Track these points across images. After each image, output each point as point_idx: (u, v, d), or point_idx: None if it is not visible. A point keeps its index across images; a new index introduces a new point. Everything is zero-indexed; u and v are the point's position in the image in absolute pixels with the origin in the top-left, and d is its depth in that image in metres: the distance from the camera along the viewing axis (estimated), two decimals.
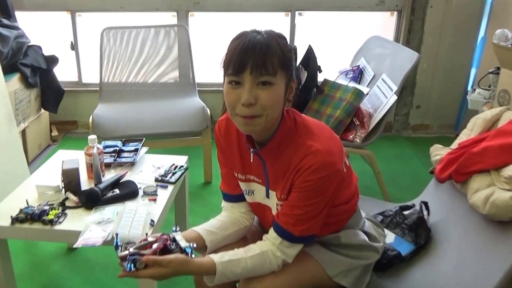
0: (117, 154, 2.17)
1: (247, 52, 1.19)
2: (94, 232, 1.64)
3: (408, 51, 2.83)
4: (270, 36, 1.22)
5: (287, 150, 1.30)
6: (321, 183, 1.26)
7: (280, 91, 1.24)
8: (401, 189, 3.11)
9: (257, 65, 1.18)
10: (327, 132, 1.35)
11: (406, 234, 1.87)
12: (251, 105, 1.20)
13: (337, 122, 2.75)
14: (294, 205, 1.31)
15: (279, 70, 1.21)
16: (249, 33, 1.23)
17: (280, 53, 1.21)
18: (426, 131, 4.10)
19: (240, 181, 1.47)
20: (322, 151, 1.25)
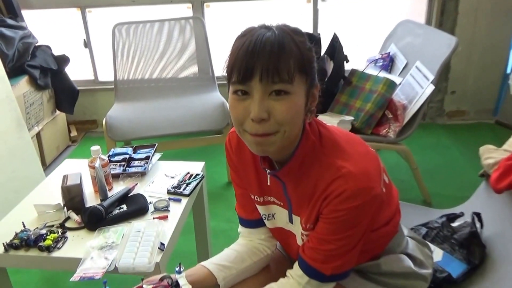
0: (126, 163, 1.93)
1: (255, 54, 0.90)
2: (96, 260, 1.40)
3: (445, 36, 2.50)
4: (283, 32, 0.94)
5: (312, 172, 1.03)
6: (355, 213, 0.99)
7: (299, 101, 0.95)
8: (439, 183, 2.80)
9: (268, 70, 0.90)
10: (360, 147, 1.07)
11: (456, 251, 1.58)
12: (263, 120, 0.93)
13: (367, 116, 2.45)
14: (323, 238, 1.04)
15: (297, 75, 0.93)
16: (256, 29, 0.95)
17: (298, 53, 0.93)
18: (462, 117, 3.76)
19: (258, 204, 1.20)
20: (356, 173, 0.97)
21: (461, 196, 2.62)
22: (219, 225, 2.48)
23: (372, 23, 3.64)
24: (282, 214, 1.16)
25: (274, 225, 1.21)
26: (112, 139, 2.65)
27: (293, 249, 1.20)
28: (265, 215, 1.21)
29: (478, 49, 3.51)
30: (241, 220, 1.29)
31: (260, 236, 1.26)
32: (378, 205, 1.03)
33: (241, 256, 1.22)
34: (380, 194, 1.01)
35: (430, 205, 2.57)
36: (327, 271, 1.04)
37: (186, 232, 2.17)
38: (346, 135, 1.08)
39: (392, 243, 1.23)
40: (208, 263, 1.19)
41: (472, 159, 3.04)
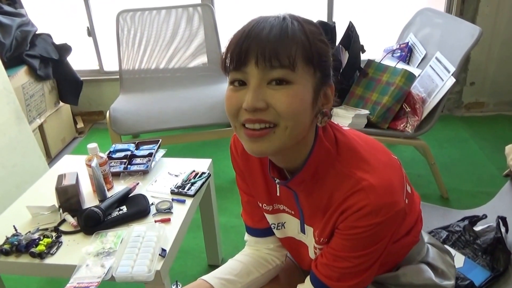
0: (128, 161, 1.82)
1: (251, 35, 0.78)
2: (91, 268, 1.29)
3: (468, 25, 2.34)
4: (292, 19, 0.81)
5: (327, 182, 0.90)
6: (375, 231, 0.86)
7: (304, 93, 0.81)
8: (458, 178, 2.66)
9: (265, 53, 0.77)
10: (382, 155, 0.93)
11: (479, 257, 1.45)
12: (259, 110, 0.79)
13: (384, 110, 2.31)
14: (338, 255, 0.92)
15: (301, 64, 0.79)
16: (263, 16, 0.82)
17: (305, 41, 0.80)
18: (481, 109, 3.60)
19: (267, 213, 1.08)
20: (378, 187, 0.85)
21: (480, 191, 2.51)
22: (229, 221, 2.37)
23: (389, 11, 3.48)
24: (293, 223, 1.04)
25: (285, 235, 1.09)
26: (117, 133, 2.54)
27: (305, 260, 1.09)
28: (275, 224, 1.09)
29: (499, 39, 3.33)
30: (247, 228, 1.17)
31: (269, 246, 1.14)
32: (401, 219, 0.91)
33: (247, 268, 1.11)
34: (404, 208, 0.89)
35: (448, 200, 2.45)
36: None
37: (194, 229, 2.07)
38: (366, 141, 0.95)
39: (412, 252, 1.12)
40: (210, 277, 1.08)
41: (491, 153, 2.91)
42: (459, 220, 1.59)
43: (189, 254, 2.14)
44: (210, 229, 2.00)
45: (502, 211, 1.59)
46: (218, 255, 2.07)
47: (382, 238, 0.88)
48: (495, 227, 1.49)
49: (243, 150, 1.01)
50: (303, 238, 1.04)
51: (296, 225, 1.03)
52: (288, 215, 1.04)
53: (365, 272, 0.92)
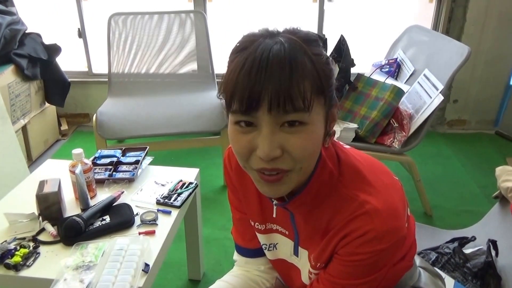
0: (113, 168, 1.72)
1: (261, 78, 0.67)
2: (69, 283, 1.19)
3: (456, 44, 2.30)
4: (294, 44, 0.70)
5: (327, 204, 0.83)
6: (378, 258, 0.79)
7: (318, 131, 0.74)
8: (441, 195, 2.61)
9: (279, 99, 0.68)
10: (385, 176, 0.86)
11: (469, 281, 1.39)
12: (275, 158, 0.72)
13: (373, 124, 2.25)
14: (336, 282, 0.84)
15: (315, 100, 0.71)
16: (258, 38, 0.71)
17: (314, 71, 0.70)
18: (463, 127, 3.58)
19: (259, 233, 1.00)
20: (382, 211, 0.77)
21: (463, 210, 2.47)
22: (212, 233, 2.27)
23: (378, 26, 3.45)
24: (286, 245, 0.96)
25: (276, 257, 1.01)
26: (102, 137, 2.43)
27: (296, 284, 1.00)
28: (266, 245, 1.00)
29: (483, 59, 3.32)
30: (237, 247, 1.08)
31: (259, 267, 1.06)
32: (402, 245, 0.84)
33: None
34: (406, 233, 0.82)
35: (431, 218, 2.39)
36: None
37: (177, 240, 1.97)
38: (368, 161, 0.88)
39: (404, 277, 1.04)
40: None
41: (473, 171, 2.87)
42: (448, 241, 1.53)
43: (170, 267, 2.03)
44: (193, 242, 1.90)
45: (492, 233, 1.54)
46: (199, 269, 1.96)
47: (383, 266, 0.81)
48: (486, 250, 1.43)
49: (237, 165, 0.93)
50: (295, 261, 0.96)
51: (289, 247, 0.95)
52: (281, 236, 0.96)
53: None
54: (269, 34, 0.72)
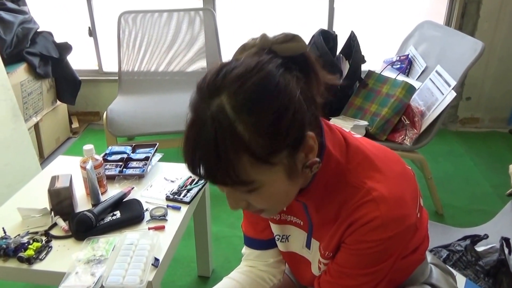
0: (124, 164, 1.74)
1: (194, 158, 0.70)
2: (81, 276, 1.21)
3: (470, 40, 2.29)
4: (224, 119, 0.67)
5: (337, 192, 0.83)
6: (384, 246, 0.79)
7: (276, 185, 0.74)
8: (452, 194, 2.60)
9: (213, 178, 0.71)
10: (395, 165, 0.86)
11: (481, 279, 1.39)
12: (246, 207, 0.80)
13: (383, 122, 2.25)
14: (343, 271, 0.85)
15: (255, 171, 0.70)
16: (202, 103, 0.70)
17: (252, 142, 0.67)
18: (476, 124, 3.55)
19: (272, 222, 1.00)
20: (389, 198, 0.78)
21: (474, 209, 2.46)
22: (221, 230, 2.29)
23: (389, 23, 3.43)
24: (298, 237, 0.97)
25: (287, 249, 1.02)
26: (113, 134, 2.46)
27: (305, 277, 1.01)
28: (279, 236, 1.01)
29: (497, 55, 3.29)
30: (247, 240, 1.08)
31: (268, 260, 1.07)
32: (412, 234, 0.85)
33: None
34: (415, 222, 0.83)
35: (443, 217, 2.38)
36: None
37: (186, 237, 1.99)
38: (379, 149, 0.88)
39: (416, 272, 1.05)
40: None
41: (486, 170, 2.85)
42: (460, 239, 1.53)
43: (179, 263, 2.06)
44: (202, 238, 1.92)
45: (504, 231, 1.54)
46: (208, 266, 1.98)
47: (390, 255, 0.82)
48: (499, 248, 1.43)
49: None
50: (307, 253, 0.97)
51: (302, 239, 0.96)
52: (294, 228, 0.97)
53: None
54: (212, 93, 0.69)
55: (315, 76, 0.78)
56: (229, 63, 0.72)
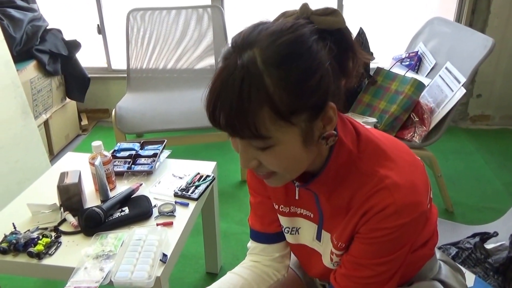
0: (132, 161, 1.75)
1: (216, 106, 0.71)
2: (89, 271, 1.23)
3: (480, 36, 2.27)
4: (253, 71, 0.69)
5: (348, 181, 0.84)
6: (399, 233, 0.80)
7: (290, 148, 0.75)
8: (463, 192, 2.59)
9: (231, 127, 0.72)
10: (406, 155, 0.87)
11: (490, 276, 1.38)
12: (254, 167, 0.79)
13: (392, 119, 2.24)
14: (359, 262, 0.85)
15: (273, 127, 0.71)
16: (232, 54, 0.72)
17: (275, 97, 0.69)
18: (486, 122, 3.53)
19: (281, 215, 1.01)
20: (402, 185, 0.79)
21: (485, 206, 2.44)
22: (230, 227, 2.30)
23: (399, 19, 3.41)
24: (309, 229, 0.97)
25: (297, 241, 1.02)
26: (122, 131, 2.48)
27: (315, 268, 1.01)
28: (289, 228, 1.01)
29: (508, 52, 3.26)
30: (254, 233, 1.09)
31: (273, 255, 1.07)
32: (424, 223, 0.85)
33: (248, 284, 1.03)
34: (426, 210, 0.83)
35: (453, 214, 2.37)
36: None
37: (194, 233, 2.00)
38: (390, 139, 0.89)
39: (424, 268, 1.05)
40: None
41: (497, 168, 2.83)
42: (469, 237, 1.53)
43: (188, 260, 2.07)
44: (210, 235, 1.93)
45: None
46: (217, 262, 1.99)
47: (405, 243, 0.82)
48: (508, 245, 1.42)
49: None
50: (317, 246, 0.98)
51: (312, 231, 0.96)
52: (304, 220, 0.97)
53: (387, 282, 0.86)
54: (243, 46, 0.71)
55: (353, 53, 0.79)
56: (266, 22, 0.75)
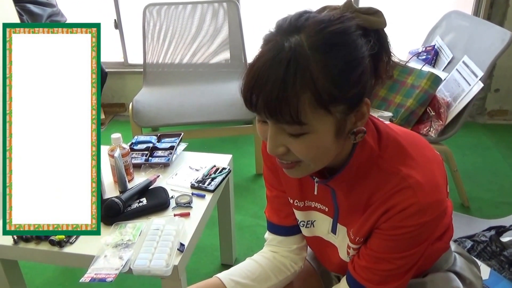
0: (149, 153, 1.79)
1: (256, 89, 0.72)
2: (109, 259, 1.27)
3: (498, 29, 2.26)
4: (300, 54, 0.70)
5: (368, 179, 0.86)
6: (421, 231, 0.82)
7: (323, 138, 0.76)
8: (480, 187, 2.58)
9: (269, 111, 0.72)
10: (427, 151, 0.89)
11: (506, 269, 1.39)
12: (280, 154, 0.79)
13: (408, 113, 2.25)
14: (380, 257, 0.88)
15: (312, 115, 0.72)
16: (276, 38, 0.73)
17: (319, 84, 0.70)
18: (505, 117, 3.50)
19: (296, 209, 1.03)
20: (425, 184, 0.80)
21: (502, 201, 2.43)
22: (244, 220, 2.33)
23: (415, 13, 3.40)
24: (324, 222, 0.99)
25: (312, 234, 1.04)
26: (138, 125, 2.52)
27: (332, 262, 1.04)
28: (304, 222, 1.03)
29: None
30: (271, 226, 1.11)
31: (291, 247, 1.09)
32: (443, 219, 0.87)
33: (265, 273, 1.06)
34: (446, 208, 0.86)
35: (469, 209, 2.37)
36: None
37: (210, 226, 2.04)
38: (409, 135, 0.90)
39: (440, 260, 1.07)
40: (226, 279, 1.02)
41: None
42: (485, 230, 1.54)
43: (203, 251, 2.11)
44: (226, 227, 1.96)
45: None
46: (232, 254, 2.03)
47: (426, 239, 0.85)
48: None
49: None
50: (332, 239, 1.00)
51: (327, 224, 0.99)
52: (319, 214, 0.99)
53: (406, 274, 0.89)
54: (289, 30, 0.73)
55: (387, 56, 0.80)
56: (311, 11, 0.77)
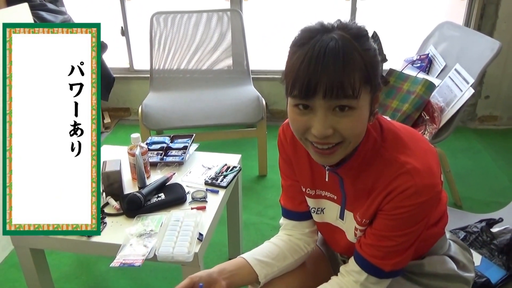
0: (164, 152, 1.91)
1: (318, 69, 0.84)
2: (135, 247, 1.38)
3: (488, 39, 2.40)
4: (346, 41, 0.85)
5: (372, 167, 0.99)
6: (418, 210, 0.95)
7: (364, 114, 0.90)
8: (471, 187, 2.71)
9: (333, 88, 0.84)
10: (422, 143, 1.03)
11: (496, 257, 1.52)
12: (327, 136, 0.90)
13: (404, 117, 2.38)
14: (383, 235, 1.00)
15: (363, 89, 0.87)
16: (317, 35, 0.87)
17: (362, 64, 0.86)
18: (494, 122, 3.64)
19: (308, 197, 1.16)
20: (421, 170, 0.94)
21: (492, 201, 2.56)
22: (250, 218, 2.45)
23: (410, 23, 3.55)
24: (332, 209, 1.12)
25: (322, 220, 1.17)
26: (147, 128, 2.63)
27: (340, 245, 1.16)
28: (315, 209, 1.16)
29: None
30: (286, 212, 1.23)
31: (304, 230, 1.21)
32: (437, 202, 1.02)
33: (283, 253, 1.18)
34: (440, 191, 0.99)
35: (461, 208, 2.49)
36: (386, 268, 1.01)
37: (218, 223, 2.15)
38: (407, 130, 1.05)
39: (435, 246, 1.19)
40: (250, 258, 1.15)
41: (504, 165, 2.95)
42: (476, 222, 1.66)
43: (212, 247, 2.21)
44: (234, 224, 2.08)
45: None
46: (239, 250, 2.14)
47: (423, 218, 0.97)
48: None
49: (292, 137, 1.10)
50: (340, 224, 1.12)
51: (336, 211, 1.11)
52: (329, 202, 1.12)
53: (406, 250, 1.01)
54: (324, 30, 0.88)
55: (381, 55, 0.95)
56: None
